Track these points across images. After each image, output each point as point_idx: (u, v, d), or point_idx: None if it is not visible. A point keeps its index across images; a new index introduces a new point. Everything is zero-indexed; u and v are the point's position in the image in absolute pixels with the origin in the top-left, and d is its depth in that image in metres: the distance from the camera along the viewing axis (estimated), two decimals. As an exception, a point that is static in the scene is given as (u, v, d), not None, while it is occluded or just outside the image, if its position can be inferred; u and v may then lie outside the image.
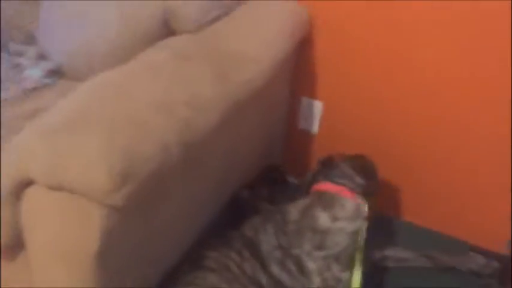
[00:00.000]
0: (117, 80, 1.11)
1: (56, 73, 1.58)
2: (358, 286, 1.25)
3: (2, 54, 1.66)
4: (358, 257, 1.29)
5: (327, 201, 1.36)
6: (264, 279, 1.32)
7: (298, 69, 1.73)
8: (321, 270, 1.30)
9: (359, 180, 1.41)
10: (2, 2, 1.68)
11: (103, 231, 0.96)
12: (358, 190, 1.38)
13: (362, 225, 1.32)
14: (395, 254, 1.50)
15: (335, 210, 1.34)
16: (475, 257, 1.52)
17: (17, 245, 1.07)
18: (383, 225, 1.32)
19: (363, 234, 1.31)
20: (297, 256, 1.33)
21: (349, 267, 1.30)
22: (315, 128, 1.84)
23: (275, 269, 1.34)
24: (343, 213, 1.33)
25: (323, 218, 1.33)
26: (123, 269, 1.12)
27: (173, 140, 1.03)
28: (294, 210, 1.39)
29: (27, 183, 0.99)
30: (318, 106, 1.80)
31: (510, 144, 1.50)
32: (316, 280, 1.30)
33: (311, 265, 1.31)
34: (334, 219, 1.33)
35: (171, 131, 1.04)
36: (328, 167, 1.44)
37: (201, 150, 1.19)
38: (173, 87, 1.14)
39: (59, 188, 0.94)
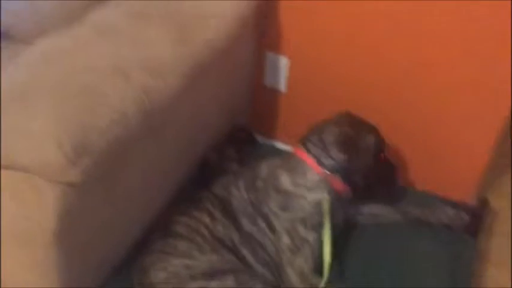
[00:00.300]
0: (65, 46, 1.03)
1: (4, 35, 1.47)
2: (329, 259, 1.25)
3: None
4: (327, 228, 1.27)
5: (292, 165, 1.33)
6: (236, 237, 1.32)
7: (263, 24, 1.65)
8: (287, 229, 1.30)
9: (335, 153, 1.32)
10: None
11: (60, 209, 0.91)
12: (330, 164, 1.32)
13: (323, 199, 1.29)
14: (369, 210, 1.51)
15: (297, 176, 1.32)
16: (445, 209, 1.54)
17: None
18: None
19: (327, 207, 1.29)
20: (266, 214, 1.32)
21: (316, 230, 1.29)
22: (282, 85, 1.79)
23: (247, 225, 1.33)
24: (303, 181, 1.31)
25: (284, 179, 1.32)
26: (87, 245, 1.08)
27: (131, 109, 0.97)
28: (264, 167, 1.38)
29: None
30: (284, 62, 1.74)
31: (478, 96, 1.50)
32: (285, 238, 1.30)
33: (278, 224, 1.31)
34: (295, 184, 1.31)
35: (128, 98, 0.98)
36: (316, 129, 1.38)
37: (163, 116, 1.13)
38: (128, 50, 1.06)
39: (11, 167, 0.88)
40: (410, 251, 1.43)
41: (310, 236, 1.29)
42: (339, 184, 1.32)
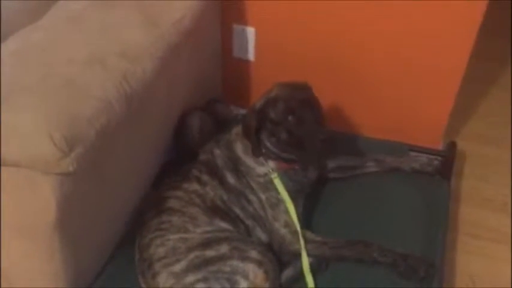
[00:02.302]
0: (39, 41, 1.04)
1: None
2: (297, 223, 1.32)
3: None
4: (288, 202, 1.34)
5: (245, 142, 1.40)
6: (225, 195, 1.39)
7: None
8: (261, 189, 1.38)
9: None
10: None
11: (58, 199, 0.94)
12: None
13: (271, 175, 1.35)
14: (346, 163, 1.58)
15: (247, 147, 1.39)
16: (417, 156, 1.62)
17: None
18: (331, 140, 1.34)
19: (278, 182, 1.35)
20: (242, 171, 1.40)
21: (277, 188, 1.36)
22: (251, 55, 1.82)
23: (231, 180, 1.40)
24: (250, 154, 1.38)
25: (239, 149, 1.40)
26: (86, 229, 1.12)
27: (114, 96, 1.00)
28: (234, 132, 1.45)
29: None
30: (250, 32, 1.77)
31: (443, 48, 1.56)
32: (263, 196, 1.38)
33: (253, 184, 1.39)
34: (246, 154, 1.39)
35: (110, 86, 1.00)
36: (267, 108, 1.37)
37: (142, 99, 1.15)
38: (101, 37, 1.08)
39: (6, 164, 0.90)
40: (386, 198, 1.50)
41: (281, 198, 1.35)
42: (279, 162, 1.38)
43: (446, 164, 1.62)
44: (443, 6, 1.48)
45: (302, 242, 1.29)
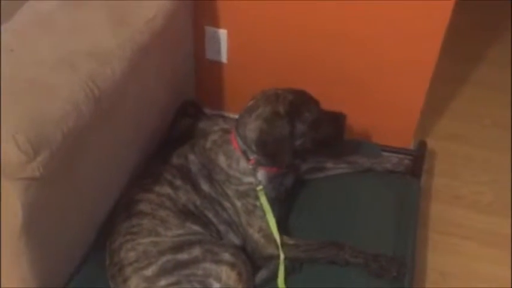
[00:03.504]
0: (7, 42, 1.01)
1: None
2: (276, 232, 1.32)
3: None
4: (268, 213, 1.33)
5: (228, 150, 1.39)
6: (198, 200, 1.38)
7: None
8: (237, 196, 1.37)
9: (257, 150, 1.35)
10: None
11: (25, 204, 0.92)
12: (255, 157, 1.36)
13: (257, 186, 1.34)
14: (319, 164, 1.58)
15: (232, 161, 1.38)
16: (388, 156, 1.64)
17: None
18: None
19: (261, 194, 1.34)
20: (217, 180, 1.39)
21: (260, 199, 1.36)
22: (224, 57, 1.82)
23: (205, 187, 1.39)
24: (236, 166, 1.38)
25: (222, 160, 1.39)
26: (56, 233, 1.10)
27: (81, 98, 0.98)
28: (210, 139, 1.43)
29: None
30: (223, 34, 1.77)
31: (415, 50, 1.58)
32: (237, 202, 1.37)
33: (228, 191, 1.38)
34: (230, 167, 1.38)
35: (78, 88, 0.99)
36: (243, 119, 1.38)
37: (112, 101, 1.14)
38: (70, 39, 1.06)
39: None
40: (359, 198, 1.52)
41: (258, 202, 1.36)
42: (270, 169, 1.38)
43: (417, 162, 1.65)
44: (410, 5, 1.50)
45: (281, 253, 1.29)
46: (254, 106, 1.39)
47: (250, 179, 1.36)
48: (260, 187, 1.35)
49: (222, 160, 1.38)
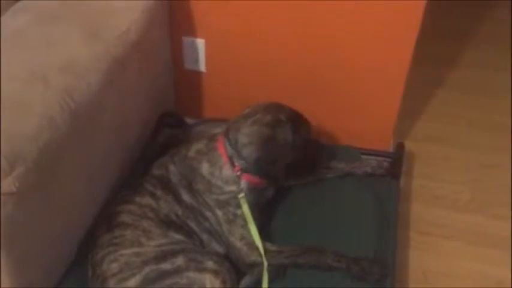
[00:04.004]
0: (-22, 59, 1.01)
1: None
2: (258, 239, 1.32)
3: None
4: (249, 221, 1.34)
5: (212, 157, 1.39)
6: (179, 210, 1.38)
7: (175, 9, 1.68)
8: (218, 205, 1.38)
9: (247, 154, 1.36)
10: None
11: (2, 220, 0.92)
12: (241, 164, 1.36)
13: (239, 195, 1.35)
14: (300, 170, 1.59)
15: (215, 168, 1.38)
16: (367, 160, 1.66)
17: None
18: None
19: (243, 202, 1.34)
20: (197, 190, 1.39)
21: (241, 207, 1.36)
22: (202, 66, 1.83)
23: (186, 197, 1.39)
24: (218, 174, 1.38)
25: (205, 168, 1.39)
26: (35, 249, 1.09)
27: (57, 112, 0.98)
28: (193, 148, 1.43)
29: None
30: (200, 44, 1.78)
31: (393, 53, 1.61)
32: (218, 211, 1.38)
33: (209, 200, 1.38)
34: (212, 174, 1.38)
35: (52, 101, 0.99)
36: (236, 124, 1.39)
37: (88, 115, 1.14)
38: (43, 54, 1.07)
39: None
40: (340, 202, 1.54)
41: (239, 211, 1.36)
42: (253, 179, 1.39)
43: (396, 164, 1.67)
44: (383, 8, 1.53)
45: (265, 260, 1.29)
46: (251, 113, 1.41)
47: (232, 188, 1.37)
48: (242, 194, 1.35)
49: (205, 168, 1.38)
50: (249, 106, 1.45)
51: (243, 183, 1.37)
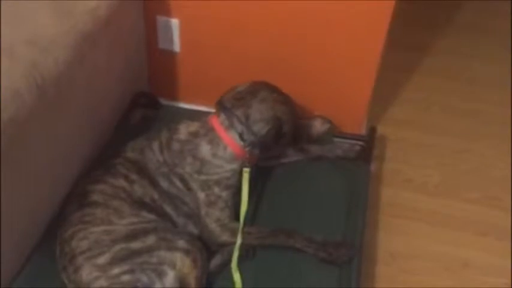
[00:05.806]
0: None
1: None
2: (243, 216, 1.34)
3: None
4: (245, 191, 1.35)
5: (212, 138, 1.39)
6: (156, 194, 1.38)
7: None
8: (202, 188, 1.38)
9: (259, 130, 1.39)
10: None
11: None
12: (250, 139, 1.38)
13: (244, 170, 1.36)
14: (271, 152, 1.59)
15: (218, 149, 1.39)
16: (339, 143, 1.67)
17: None
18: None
19: (247, 176, 1.36)
20: (181, 174, 1.39)
21: (228, 189, 1.39)
22: (176, 46, 1.81)
23: (164, 184, 1.39)
24: (222, 154, 1.39)
25: (205, 150, 1.39)
26: (3, 228, 1.08)
27: (23, 85, 0.97)
28: (184, 131, 1.42)
29: None
30: (175, 24, 1.76)
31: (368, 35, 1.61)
32: (200, 194, 1.38)
33: (193, 184, 1.39)
34: (215, 155, 1.39)
35: (18, 74, 0.97)
36: (241, 102, 1.41)
37: (57, 89, 1.12)
38: (10, 27, 1.04)
39: None
40: (311, 185, 1.55)
41: (224, 193, 1.38)
42: (253, 156, 1.40)
43: (367, 148, 1.69)
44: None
45: (239, 238, 1.30)
46: (252, 91, 1.43)
47: (233, 165, 1.38)
48: (247, 169, 1.36)
49: (205, 149, 1.38)
50: (237, 85, 1.46)
51: (244, 160, 1.38)
